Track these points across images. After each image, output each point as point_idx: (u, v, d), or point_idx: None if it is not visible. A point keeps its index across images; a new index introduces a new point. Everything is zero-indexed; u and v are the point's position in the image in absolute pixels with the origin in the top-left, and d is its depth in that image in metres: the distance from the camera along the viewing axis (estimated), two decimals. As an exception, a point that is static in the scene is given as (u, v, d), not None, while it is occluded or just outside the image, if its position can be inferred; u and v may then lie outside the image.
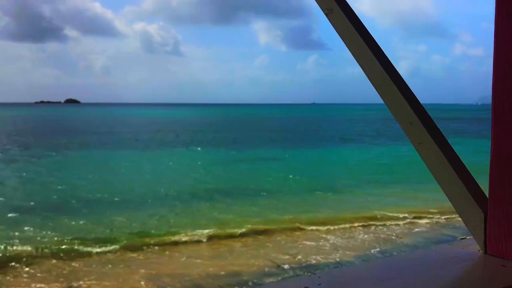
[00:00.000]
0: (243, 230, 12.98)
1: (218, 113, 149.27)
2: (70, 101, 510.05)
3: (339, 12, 1.38)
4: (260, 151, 34.43)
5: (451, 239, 12.26)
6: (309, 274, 1.12)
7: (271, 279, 9.52)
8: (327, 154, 34.00)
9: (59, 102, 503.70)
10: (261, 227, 13.35)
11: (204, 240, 12.25)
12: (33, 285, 9.31)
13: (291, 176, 22.91)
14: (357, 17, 1.41)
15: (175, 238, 12.29)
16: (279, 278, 9.60)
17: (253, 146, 38.30)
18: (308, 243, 12.17)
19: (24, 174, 23.44)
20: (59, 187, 19.77)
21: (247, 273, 9.95)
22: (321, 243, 12.13)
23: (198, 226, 13.65)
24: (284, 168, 26.25)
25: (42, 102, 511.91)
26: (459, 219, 1.24)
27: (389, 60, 1.36)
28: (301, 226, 13.32)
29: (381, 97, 1.36)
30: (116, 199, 17.61)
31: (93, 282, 9.45)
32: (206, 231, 13.05)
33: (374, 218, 14.42)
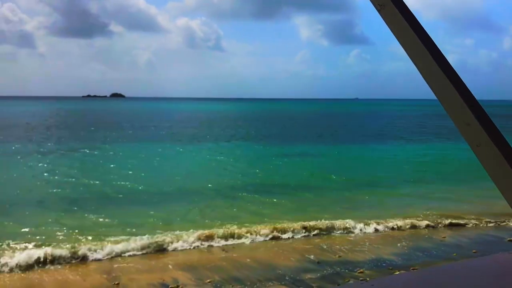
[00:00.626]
0: (278, 225, 12.97)
1: (258, 108, 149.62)
2: (115, 95, 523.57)
3: (392, 7, 1.33)
4: (299, 147, 34.27)
5: (497, 241, 11.84)
6: (361, 281, 1.08)
7: (309, 275, 9.47)
8: (368, 151, 33.47)
9: (105, 96, 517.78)
10: (296, 223, 13.30)
11: (238, 234, 12.31)
12: (74, 278, 9.65)
13: (329, 172, 22.67)
14: (410, 12, 1.34)
15: (209, 232, 12.40)
16: (318, 274, 9.54)
17: (291, 142, 38.18)
18: (346, 240, 12.04)
19: (59, 167, 24.09)
20: (96, 182, 20.17)
21: (284, 267, 9.94)
22: (359, 241, 11.98)
23: (232, 220, 13.76)
24: (322, 165, 26.06)
25: (89, 96, 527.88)
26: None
27: (444, 57, 1.28)
28: (338, 223, 13.17)
29: (436, 95, 1.29)
30: (151, 192, 17.90)
31: (134, 273, 9.70)
32: (240, 225, 13.13)
33: (414, 217, 14.09)
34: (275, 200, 16.73)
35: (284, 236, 12.23)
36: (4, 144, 33.23)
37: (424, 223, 13.48)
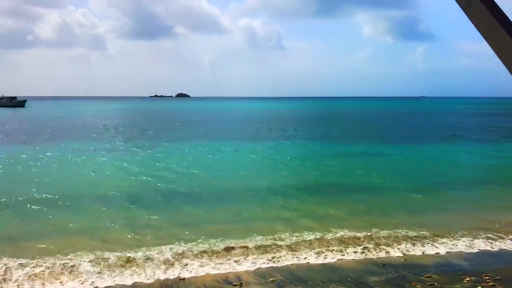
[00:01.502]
0: (340, 227, 12.82)
1: (319, 106, 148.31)
2: (180, 95, 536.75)
3: (479, 4, 1.28)
4: (360, 146, 33.60)
5: None
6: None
7: (374, 278, 9.29)
8: (434, 151, 32.18)
9: (171, 96, 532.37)
10: (356, 227, 13.10)
11: (301, 235, 12.28)
12: (142, 273, 10.03)
13: (392, 174, 22.00)
14: (499, 9, 1.28)
15: (270, 232, 12.47)
16: (383, 277, 9.34)
17: (352, 141, 37.49)
18: (411, 245, 11.65)
19: (121, 164, 25.16)
20: (161, 179, 20.86)
21: (348, 269, 9.82)
22: (424, 246, 11.56)
23: (291, 221, 13.76)
24: (384, 165, 25.28)
25: (155, 96, 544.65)
26: None
27: None
28: (399, 229, 12.79)
29: None
30: (210, 190, 18.19)
31: (199, 270, 9.94)
32: (301, 226, 13.09)
33: (485, 223, 13.41)
34: (334, 201, 16.49)
35: (345, 238, 12.03)
36: (79, 142, 35.20)
37: (495, 227, 12.81)
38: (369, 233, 12.27)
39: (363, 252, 10.97)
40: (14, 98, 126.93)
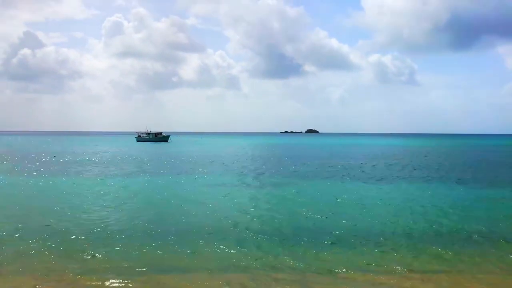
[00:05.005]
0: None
1: (458, 144, 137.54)
2: (310, 131, 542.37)
3: None
4: (506, 191, 29.80)
5: None
6: None
7: None
8: None
9: (301, 132, 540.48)
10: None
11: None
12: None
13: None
14: None
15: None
16: None
17: (496, 184, 33.47)
18: None
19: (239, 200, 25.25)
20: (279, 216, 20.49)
21: None
22: None
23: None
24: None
25: (286, 132, 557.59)
26: None
27: None
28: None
29: None
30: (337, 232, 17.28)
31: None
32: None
33: None
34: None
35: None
36: (207, 175, 36.84)
37: None
38: None
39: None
40: (160, 133, 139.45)
